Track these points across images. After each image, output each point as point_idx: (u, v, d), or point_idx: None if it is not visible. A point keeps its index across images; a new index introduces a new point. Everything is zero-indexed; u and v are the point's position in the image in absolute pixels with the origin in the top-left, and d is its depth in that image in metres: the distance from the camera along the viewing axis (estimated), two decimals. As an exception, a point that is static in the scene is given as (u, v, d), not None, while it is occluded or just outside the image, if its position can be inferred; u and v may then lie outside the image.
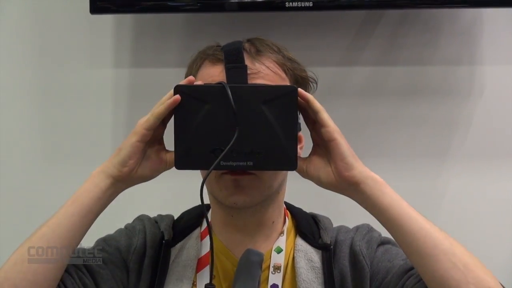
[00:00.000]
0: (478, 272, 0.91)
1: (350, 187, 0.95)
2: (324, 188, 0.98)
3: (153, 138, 0.96)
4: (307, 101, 0.95)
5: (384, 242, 1.10)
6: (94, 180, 0.97)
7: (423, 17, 1.60)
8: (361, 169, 0.95)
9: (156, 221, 1.15)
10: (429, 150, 1.62)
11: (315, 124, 0.97)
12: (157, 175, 1.00)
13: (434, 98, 1.62)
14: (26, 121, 1.67)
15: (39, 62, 1.71)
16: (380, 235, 1.11)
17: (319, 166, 0.98)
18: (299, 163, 0.97)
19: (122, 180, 0.97)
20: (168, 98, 0.94)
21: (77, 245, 0.99)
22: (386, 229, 0.97)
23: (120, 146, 0.96)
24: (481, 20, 1.59)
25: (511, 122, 1.60)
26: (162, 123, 0.95)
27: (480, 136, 1.61)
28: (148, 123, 0.94)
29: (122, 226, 1.16)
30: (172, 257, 1.09)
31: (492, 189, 1.60)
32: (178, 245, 1.10)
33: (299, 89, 0.96)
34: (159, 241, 1.10)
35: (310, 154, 1.00)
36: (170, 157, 0.96)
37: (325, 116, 0.94)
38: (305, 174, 0.99)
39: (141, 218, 1.16)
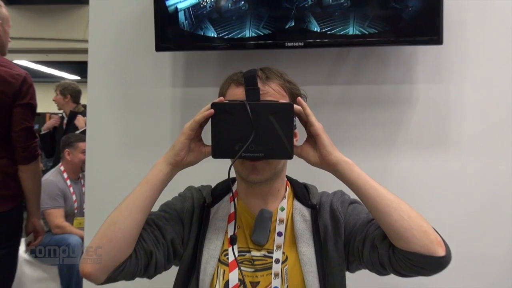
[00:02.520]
0: (418, 221, 0.93)
1: (330, 167, 0.98)
2: (312, 165, 1.01)
3: (195, 136, 0.99)
4: (302, 107, 0.98)
5: (352, 202, 1.11)
6: (158, 167, 1.00)
7: (377, 52, 1.60)
8: (337, 154, 0.97)
9: (200, 189, 1.16)
10: (382, 142, 1.61)
11: (306, 123, 0.99)
12: (199, 161, 1.02)
13: (386, 107, 1.61)
14: (113, 124, 1.67)
15: (122, 84, 1.72)
16: (349, 197, 1.12)
17: (309, 151, 1.00)
18: (296, 149, 1.00)
19: (176, 166, 1.00)
20: (206, 110, 0.97)
21: (150, 211, 1.01)
22: (355, 194, 0.99)
23: (173, 143, 1.00)
24: (416, 53, 1.59)
25: (438, 122, 1.59)
26: (200, 126, 0.98)
27: (416, 132, 1.60)
28: (191, 126, 0.97)
29: (177, 194, 1.16)
30: (211, 215, 1.11)
31: (425, 168, 1.60)
32: (215, 206, 1.12)
33: (299, 98, 1.01)
34: (202, 204, 1.12)
35: (303, 143, 1.02)
36: (207, 149, 1.00)
37: (313, 118, 0.98)
38: (300, 156, 1.01)
39: (190, 188, 1.17)
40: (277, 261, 1.03)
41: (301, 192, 1.13)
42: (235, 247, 1.03)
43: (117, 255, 0.94)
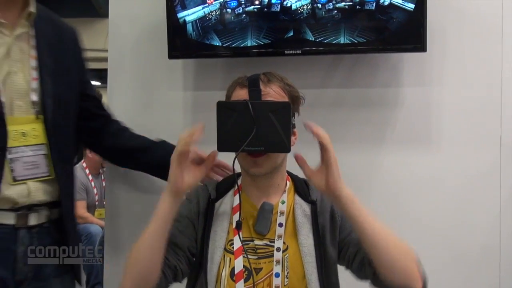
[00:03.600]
0: (404, 259, 0.91)
1: (333, 196, 0.92)
2: (317, 189, 0.94)
3: (184, 160, 0.93)
4: (322, 138, 0.90)
5: None
6: (163, 200, 0.95)
7: (367, 58, 1.58)
8: (342, 187, 0.91)
9: (205, 184, 1.13)
10: (372, 139, 1.60)
11: (323, 150, 0.91)
12: (200, 179, 0.98)
13: (375, 108, 1.59)
14: (130, 124, 1.65)
15: (138, 88, 1.72)
16: None
17: (318, 176, 0.92)
18: (307, 171, 0.95)
19: (178, 194, 0.95)
20: (183, 139, 0.91)
21: (165, 241, 0.96)
22: (353, 227, 0.95)
23: (169, 174, 0.94)
24: (403, 59, 1.57)
25: (421, 122, 1.58)
26: (184, 154, 0.92)
27: (402, 131, 1.58)
28: (173, 156, 0.92)
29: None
30: (216, 209, 1.08)
31: (409, 163, 1.58)
32: (219, 201, 1.10)
33: (320, 132, 0.90)
34: (207, 199, 1.10)
35: (317, 167, 0.94)
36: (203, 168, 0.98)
37: (330, 147, 0.90)
38: (308, 177, 0.95)
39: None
40: (278, 249, 1.02)
41: (301, 187, 1.11)
42: (240, 233, 1.02)
43: (148, 284, 0.94)
